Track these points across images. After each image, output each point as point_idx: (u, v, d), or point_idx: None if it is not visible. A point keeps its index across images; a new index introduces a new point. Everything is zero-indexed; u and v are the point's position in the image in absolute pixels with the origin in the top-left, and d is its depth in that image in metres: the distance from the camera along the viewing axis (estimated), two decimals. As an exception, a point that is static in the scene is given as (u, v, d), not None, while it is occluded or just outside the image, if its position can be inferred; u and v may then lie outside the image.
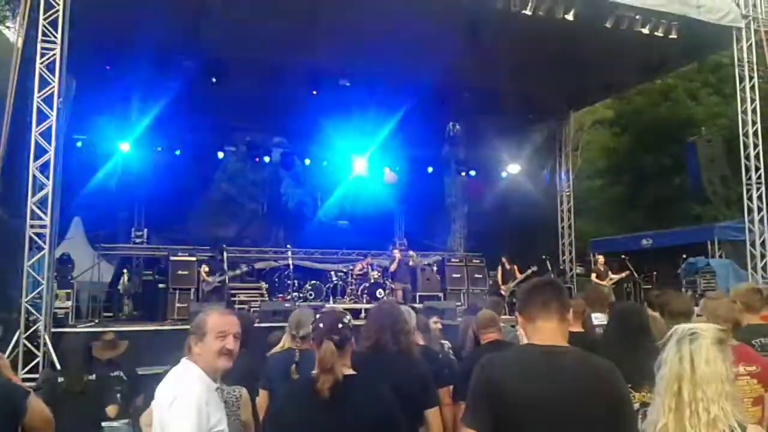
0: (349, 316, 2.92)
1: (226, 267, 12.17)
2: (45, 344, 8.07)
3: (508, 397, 2.35)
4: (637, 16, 11.21)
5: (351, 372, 2.77)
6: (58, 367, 7.25)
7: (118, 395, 5.78)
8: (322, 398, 2.61)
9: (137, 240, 16.27)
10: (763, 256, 12.02)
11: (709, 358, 2.02)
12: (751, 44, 12.13)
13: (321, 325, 2.81)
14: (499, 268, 14.49)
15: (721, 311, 3.81)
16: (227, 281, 12.37)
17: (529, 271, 14.24)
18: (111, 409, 5.45)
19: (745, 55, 12.12)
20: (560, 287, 2.65)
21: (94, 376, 5.55)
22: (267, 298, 13.95)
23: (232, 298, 13.42)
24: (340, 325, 2.79)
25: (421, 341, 4.75)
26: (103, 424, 5.40)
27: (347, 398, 2.65)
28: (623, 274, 14.00)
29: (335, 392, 2.62)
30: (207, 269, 12.26)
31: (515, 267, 14.18)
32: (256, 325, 5.34)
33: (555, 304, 2.52)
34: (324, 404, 2.62)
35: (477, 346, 4.70)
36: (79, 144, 14.90)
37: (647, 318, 3.57)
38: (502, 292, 13.67)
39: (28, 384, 5.84)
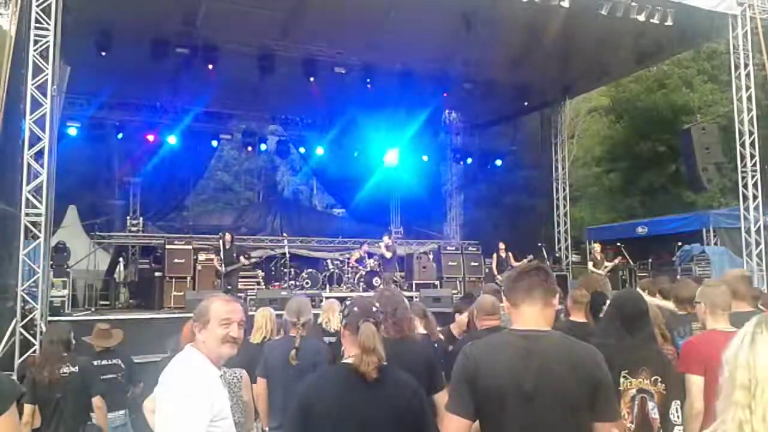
0: (377, 304, 2.98)
1: (235, 255, 12.35)
2: (41, 333, 8.06)
3: (486, 383, 2.39)
4: (633, 3, 11.17)
5: None
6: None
7: (105, 385, 5.57)
8: (365, 382, 2.57)
9: (133, 228, 16.26)
10: (758, 244, 12.05)
11: None
12: (746, 31, 12.09)
13: (356, 309, 2.82)
14: (495, 257, 14.48)
15: (719, 298, 3.82)
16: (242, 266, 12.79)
17: (525, 261, 14.32)
18: (97, 401, 5.22)
19: (740, 43, 12.09)
20: (546, 272, 2.64)
21: (77, 368, 5.19)
22: (263, 287, 13.97)
23: (228, 287, 13.44)
24: (374, 309, 2.83)
25: (422, 329, 4.77)
26: (92, 414, 5.27)
27: (387, 383, 2.63)
28: (618, 260, 14.06)
29: (379, 374, 2.58)
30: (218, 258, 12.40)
31: (510, 255, 14.20)
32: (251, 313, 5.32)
33: (539, 289, 2.52)
34: (367, 388, 2.58)
35: (472, 331, 4.69)
36: (74, 132, 14.86)
37: (645, 305, 3.56)
38: (497, 281, 13.68)
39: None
